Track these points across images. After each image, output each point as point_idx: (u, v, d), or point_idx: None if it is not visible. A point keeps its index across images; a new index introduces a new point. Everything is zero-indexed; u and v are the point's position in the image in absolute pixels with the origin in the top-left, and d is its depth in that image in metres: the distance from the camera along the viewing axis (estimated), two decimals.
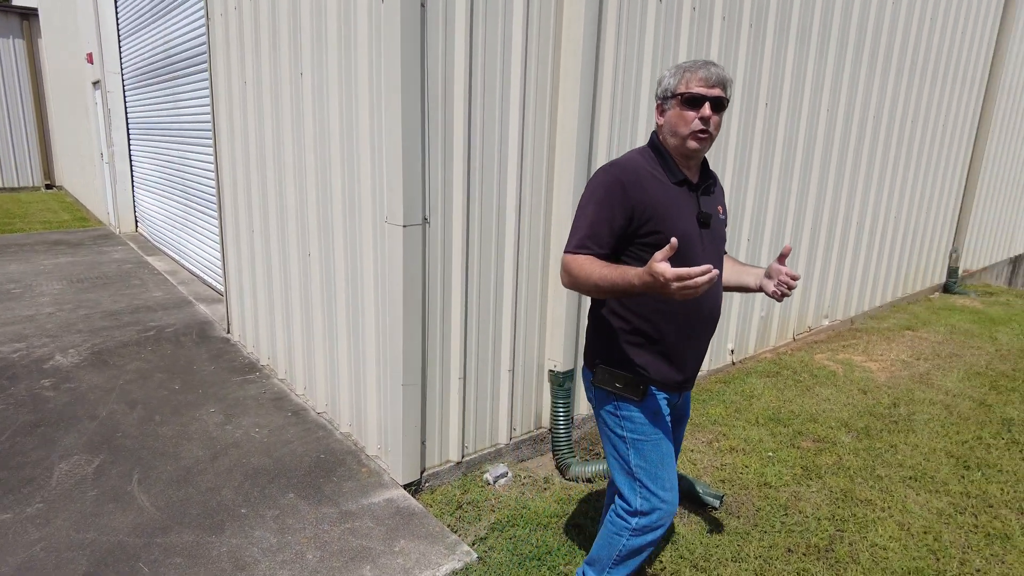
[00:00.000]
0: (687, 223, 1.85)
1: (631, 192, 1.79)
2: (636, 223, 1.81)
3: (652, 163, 1.88)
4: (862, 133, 5.44)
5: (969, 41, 6.59)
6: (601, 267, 1.74)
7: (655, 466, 1.93)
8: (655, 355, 1.91)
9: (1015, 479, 3.33)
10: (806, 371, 4.66)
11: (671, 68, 1.89)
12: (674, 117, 1.84)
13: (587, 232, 1.82)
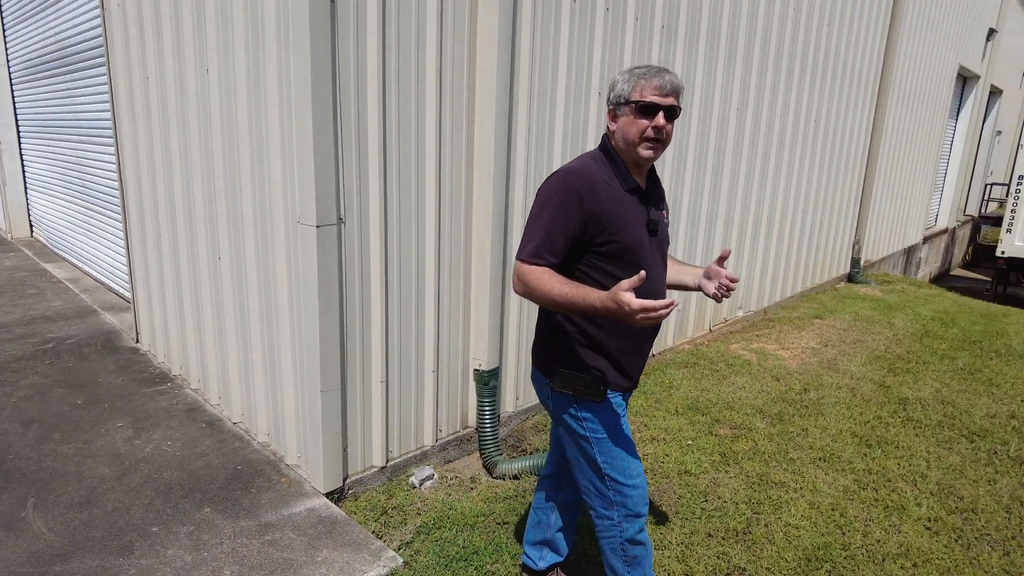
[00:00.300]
0: (638, 231, 1.88)
1: (587, 202, 1.79)
2: (591, 232, 1.82)
3: (606, 169, 1.88)
4: (770, 133, 5.69)
5: (863, 45, 7.00)
6: (561, 284, 1.76)
7: (621, 459, 1.97)
8: (608, 360, 1.94)
9: (909, 454, 3.57)
10: (722, 361, 4.84)
11: (624, 73, 1.87)
12: (627, 124, 1.84)
13: (542, 241, 1.81)
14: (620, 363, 1.95)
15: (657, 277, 1.96)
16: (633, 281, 1.58)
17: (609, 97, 1.91)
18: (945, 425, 3.94)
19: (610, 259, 1.85)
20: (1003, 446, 3.70)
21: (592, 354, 1.93)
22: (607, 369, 1.94)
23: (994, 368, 5.06)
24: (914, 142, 9.36)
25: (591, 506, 2.08)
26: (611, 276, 1.84)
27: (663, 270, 2.02)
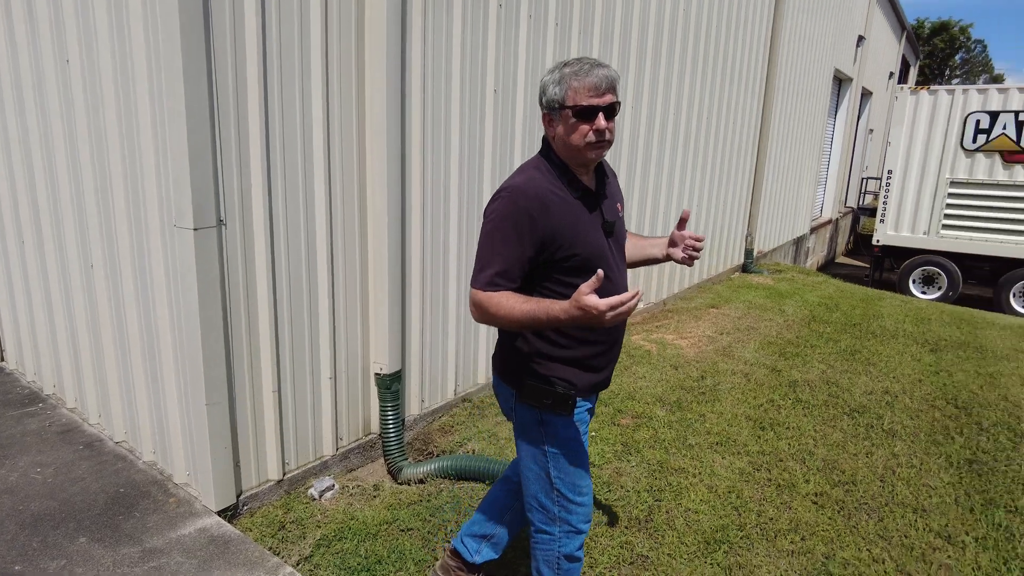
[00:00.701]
0: (596, 235, 1.82)
1: (540, 222, 1.71)
2: (549, 251, 1.75)
3: (552, 180, 1.79)
4: (664, 129, 5.87)
5: (749, 45, 7.36)
6: (522, 304, 1.69)
7: (573, 476, 1.94)
8: (579, 365, 1.88)
9: (799, 433, 3.77)
10: (624, 352, 4.95)
11: (554, 73, 1.75)
12: (566, 130, 1.74)
13: (498, 269, 1.73)
14: (592, 366, 1.90)
15: (620, 278, 1.92)
16: (592, 283, 1.53)
17: (541, 101, 1.80)
18: (830, 404, 4.19)
19: (573, 273, 1.78)
20: (878, 420, 3.97)
21: (561, 366, 1.86)
22: (577, 377, 1.88)
23: (871, 348, 5.43)
24: (799, 139, 9.95)
25: (531, 519, 2.03)
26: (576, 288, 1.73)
27: (624, 268, 1.97)
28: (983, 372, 5.00)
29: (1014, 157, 9.98)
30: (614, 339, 1.95)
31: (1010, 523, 2.96)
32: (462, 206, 3.68)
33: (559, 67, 1.75)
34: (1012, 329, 6.69)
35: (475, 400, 3.97)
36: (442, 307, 3.69)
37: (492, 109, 3.75)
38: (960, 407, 4.24)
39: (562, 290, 1.78)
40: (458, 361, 3.89)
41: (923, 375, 4.85)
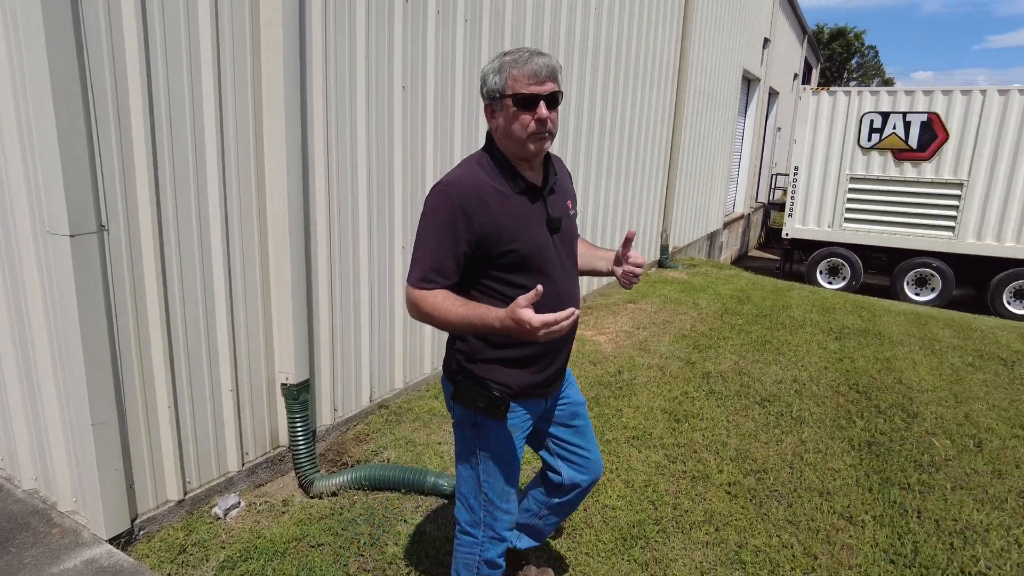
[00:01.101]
0: (538, 234, 1.76)
1: (475, 217, 1.66)
2: (486, 247, 1.69)
3: (492, 174, 1.73)
4: (579, 129, 5.92)
5: (661, 46, 7.53)
6: (458, 307, 1.63)
7: (502, 483, 1.90)
8: (516, 365, 1.81)
9: (712, 424, 3.86)
10: None
11: (493, 62, 1.70)
12: (507, 120, 1.69)
13: (431, 265, 1.68)
14: (530, 367, 1.83)
15: (566, 278, 1.85)
16: (530, 297, 1.49)
17: (482, 92, 1.74)
18: (742, 394, 4.32)
19: (512, 270, 1.73)
20: (787, 408, 4.12)
21: (498, 367, 1.80)
22: (515, 379, 1.81)
23: (780, 338, 5.65)
24: (711, 137, 10.28)
25: (457, 518, 2.00)
26: (517, 287, 1.72)
27: (572, 268, 1.89)
28: (881, 357, 5.28)
29: (904, 155, 10.64)
30: (558, 344, 1.87)
31: (903, 500, 3.12)
32: (371, 204, 3.57)
33: (499, 56, 1.70)
34: (906, 315, 7.12)
35: (392, 406, 3.86)
36: (354, 311, 3.57)
37: (400, 106, 3.66)
38: (861, 392, 4.46)
39: (501, 288, 1.74)
40: (373, 367, 3.78)
41: (828, 362, 5.07)
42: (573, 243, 1.91)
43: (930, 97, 10.43)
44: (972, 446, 3.77)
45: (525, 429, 1.93)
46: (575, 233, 1.94)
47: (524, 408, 1.88)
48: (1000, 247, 10.34)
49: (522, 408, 1.88)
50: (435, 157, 4.01)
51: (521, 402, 1.86)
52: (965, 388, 4.70)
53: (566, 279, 1.85)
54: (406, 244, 3.85)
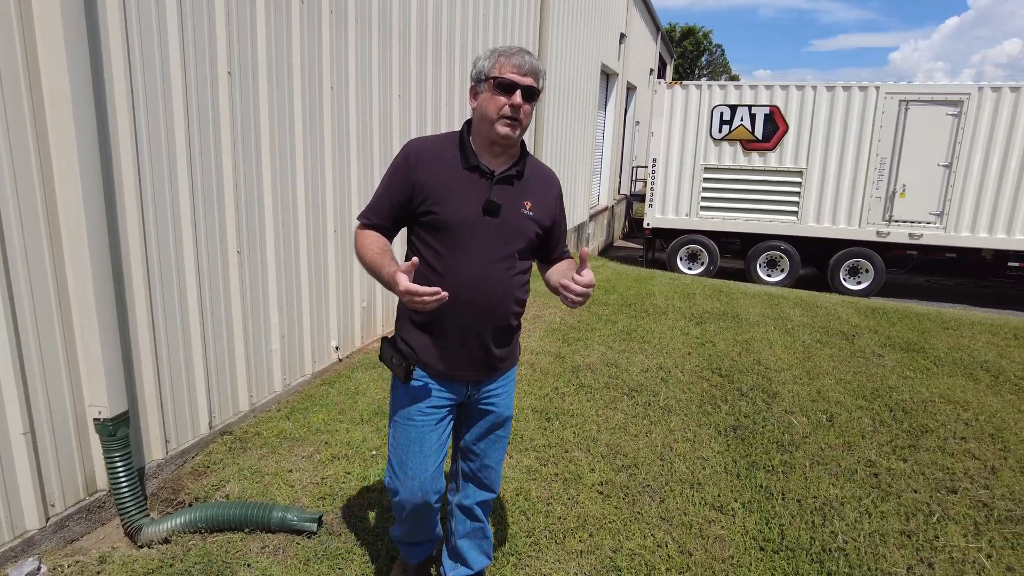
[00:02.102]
0: (468, 207, 1.84)
1: (414, 170, 1.84)
2: (416, 201, 1.85)
3: (449, 146, 1.90)
4: (436, 124, 5.67)
5: (522, 40, 7.44)
6: (375, 252, 1.83)
7: (403, 450, 1.95)
8: (425, 338, 1.91)
9: (583, 420, 3.77)
10: None
11: (487, 51, 1.88)
12: (485, 101, 1.84)
13: (372, 202, 1.92)
14: (437, 342, 1.91)
15: (488, 264, 1.86)
16: (407, 266, 1.66)
17: (471, 75, 1.90)
18: (610, 386, 4.28)
19: (433, 232, 1.85)
20: (655, 397, 4.13)
21: (411, 329, 1.94)
22: (420, 347, 1.92)
23: (645, 326, 5.73)
24: (573, 131, 10.39)
25: None
26: (435, 252, 1.86)
27: (503, 259, 1.89)
28: (740, 339, 5.49)
29: (751, 145, 11.30)
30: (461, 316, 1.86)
31: (768, 483, 3.17)
32: (196, 200, 3.14)
33: (494, 48, 1.88)
34: (760, 297, 7.52)
35: (237, 432, 3.45)
36: (181, 326, 3.12)
37: (228, 94, 3.25)
38: (724, 375, 4.57)
39: (424, 251, 1.88)
40: (211, 388, 3.35)
41: (691, 347, 5.18)
42: (514, 240, 1.90)
43: (771, 91, 11.14)
44: (825, 421, 3.95)
45: (433, 402, 1.94)
46: (522, 234, 1.92)
47: (435, 384, 1.93)
48: (836, 229, 11.26)
49: (434, 381, 1.93)
50: (273, 143, 3.62)
51: (431, 376, 1.93)
52: (815, 364, 4.96)
53: (490, 263, 1.87)
54: (241, 248, 3.45)
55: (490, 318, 1.90)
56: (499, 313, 1.91)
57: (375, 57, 4.60)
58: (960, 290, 12.54)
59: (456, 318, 1.86)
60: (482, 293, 1.86)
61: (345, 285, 4.51)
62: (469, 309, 1.86)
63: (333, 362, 4.44)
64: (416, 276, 1.79)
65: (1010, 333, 6.68)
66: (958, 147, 10.61)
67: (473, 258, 1.84)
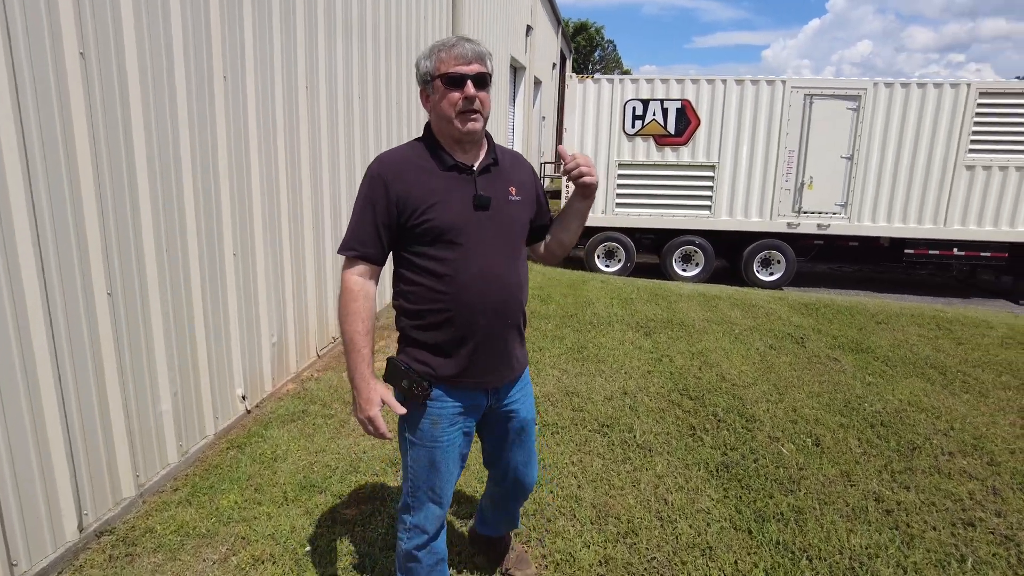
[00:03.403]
0: (460, 206, 1.76)
1: (392, 186, 1.74)
2: (404, 216, 1.74)
3: (420, 153, 1.81)
4: (350, 119, 4.91)
5: (431, 27, 6.75)
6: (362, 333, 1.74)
7: (426, 471, 1.85)
8: (438, 350, 1.80)
9: (558, 472, 3.17)
10: (337, 399, 3.92)
11: (425, 51, 1.78)
12: (438, 100, 1.75)
13: (353, 231, 1.78)
14: (450, 350, 1.79)
15: (494, 256, 1.79)
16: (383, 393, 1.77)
17: (417, 78, 1.82)
18: (578, 421, 3.73)
19: (431, 242, 1.74)
20: (630, 433, 3.61)
21: (421, 344, 1.81)
22: (435, 361, 1.80)
23: (595, 341, 5.24)
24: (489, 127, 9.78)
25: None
26: (437, 260, 1.75)
27: (507, 249, 1.83)
28: (694, 351, 5.10)
29: (664, 140, 11.15)
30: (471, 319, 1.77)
31: (784, 537, 2.72)
32: (42, 223, 2.29)
33: (431, 46, 1.77)
34: (695, 299, 7.24)
35: (120, 529, 2.61)
36: (27, 394, 2.27)
37: (77, 75, 2.41)
38: (693, 397, 4.13)
39: (422, 263, 1.76)
40: (79, 475, 2.50)
41: (649, 364, 4.73)
42: (512, 228, 1.86)
43: (682, 85, 11.02)
44: (812, 445, 3.58)
45: (456, 421, 1.85)
46: (515, 219, 1.87)
47: (454, 398, 1.83)
48: (748, 222, 11.32)
49: (451, 398, 1.83)
50: (149, 146, 2.80)
51: (449, 390, 1.83)
52: (779, 376, 4.64)
53: (495, 258, 1.80)
54: (113, 288, 2.61)
55: (506, 315, 1.82)
56: (512, 308, 1.84)
57: (277, 42, 3.80)
58: (859, 276, 13.04)
59: (471, 322, 1.77)
60: (493, 291, 1.78)
61: (250, 319, 3.70)
62: (483, 310, 1.78)
63: (240, 415, 3.62)
64: (420, 292, 1.77)
65: (932, 323, 6.75)
66: (858, 140, 10.91)
67: (476, 257, 1.76)
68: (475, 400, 1.87)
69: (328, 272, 4.73)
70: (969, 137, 10.70)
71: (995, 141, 10.69)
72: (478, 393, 1.86)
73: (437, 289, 1.74)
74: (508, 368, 1.88)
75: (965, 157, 10.80)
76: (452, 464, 1.87)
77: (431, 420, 1.82)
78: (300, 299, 4.32)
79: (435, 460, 1.84)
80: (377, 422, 1.73)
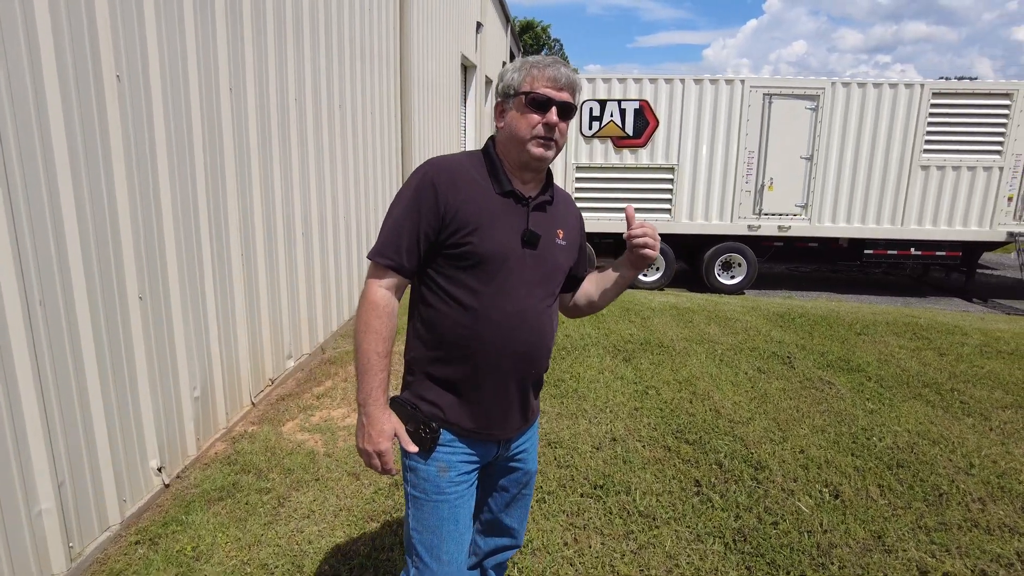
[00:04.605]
0: (506, 237, 1.57)
1: (443, 194, 1.53)
2: (447, 232, 1.53)
3: (478, 168, 1.61)
4: (303, 123, 4.26)
5: (379, 25, 6.11)
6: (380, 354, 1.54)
7: (431, 532, 1.61)
8: (452, 393, 1.60)
9: (551, 559, 2.61)
10: (275, 465, 3.25)
11: (516, 62, 1.62)
12: (515, 119, 1.58)
13: (388, 236, 1.55)
14: (467, 395, 1.60)
15: (529, 300, 1.61)
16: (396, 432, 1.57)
17: (497, 89, 1.64)
18: (566, 483, 3.16)
19: (467, 268, 1.55)
20: (628, 497, 3.02)
21: (433, 385, 1.62)
22: (447, 403, 1.60)
23: (572, 372, 4.71)
24: (440, 129, 9.18)
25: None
26: (468, 290, 1.56)
27: (543, 295, 1.64)
28: (680, 379, 4.63)
29: (622, 142, 10.76)
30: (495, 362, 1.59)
31: None
32: None
33: (524, 59, 1.62)
34: (667, 312, 6.81)
35: None
36: None
37: None
38: (691, 442, 3.64)
39: (450, 287, 1.57)
40: None
41: (635, 399, 4.23)
42: (552, 272, 1.68)
43: (640, 85, 10.66)
44: (831, 497, 3.14)
45: (463, 468, 1.64)
46: (558, 266, 1.70)
47: (465, 445, 1.64)
48: (709, 225, 11.04)
49: (462, 444, 1.63)
50: (9, 158, 2.12)
51: (460, 436, 1.63)
52: (775, 406, 4.20)
53: (531, 300, 1.62)
54: None
55: (531, 363, 1.66)
56: (539, 356, 1.68)
57: (190, 35, 3.13)
58: (817, 276, 13.00)
59: (495, 367, 1.60)
60: (523, 335, 1.61)
61: (163, 369, 3.02)
62: (510, 355, 1.61)
63: (157, 492, 2.94)
64: (440, 319, 1.58)
65: (909, 331, 6.52)
66: (817, 140, 10.74)
67: (512, 296, 1.59)
68: (484, 451, 1.68)
69: (263, 304, 4.06)
70: (924, 137, 10.65)
71: (948, 141, 10.66)
72: (490, 444, 1.69)
73: (462, 322, 1.57)
74: (524, 420, 1.73)
75: (920, 157, 10.74)
76: (464, 523, 1.65)
77: (438, 467, 1.61)
78: (229, 340, 3.65)
79: (443, 516, 1.61)
80: (387, 457, 1.55)
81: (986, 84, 10.59)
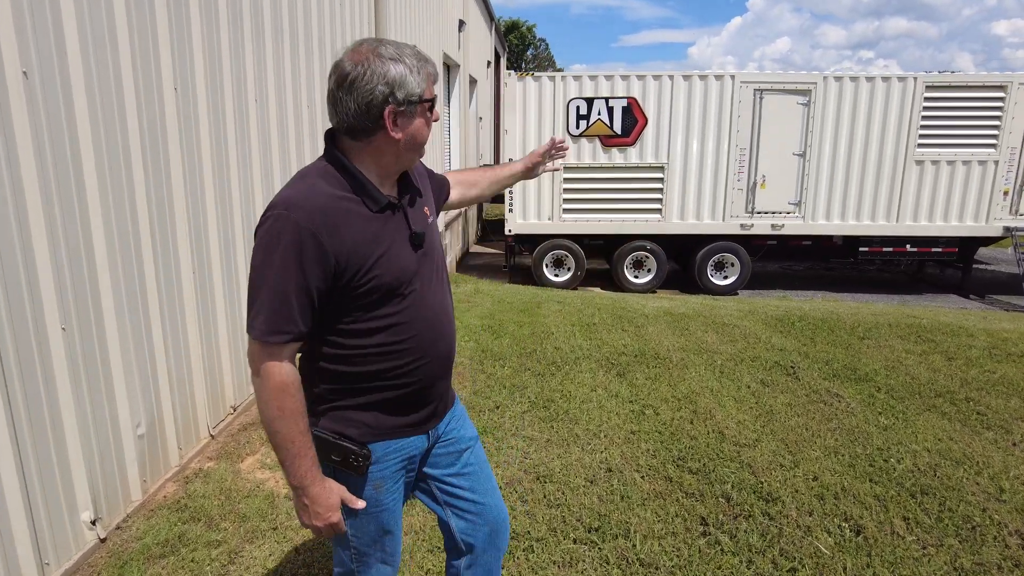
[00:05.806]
0: (402, 252, 1.48)
1: (327, 242, 1.35)
2: (344, 278, 1.39)
3: (342, 192, 1.41)
4: (299, 126, 3.89)
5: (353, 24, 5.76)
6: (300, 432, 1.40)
7: (371, 538, 1.60)
8: (378, 408, 1.52)
9: None
10: (229, 512, 2.88)
11: (404, 62, 1.40)
12: (421, 128, 1.47)
13: (276, 307, 1.34)
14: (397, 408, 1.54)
15: (437, 293, 1.58)
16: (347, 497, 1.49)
17: (389, 98, 1.39)
18: (556, 526, 2.81)
19: (378, 303, 1.44)
20: (627, 542, 2.69)
21: (355, 411, 1.51)
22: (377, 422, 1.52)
23: (562, 390, 4.36)
24: None
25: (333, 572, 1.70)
26: (387, 323, 1.46)
27: (440, 281, 1.60)
28: (679, 395, 4.30)
29: (610, 141, 10.45)
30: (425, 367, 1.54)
31: None
32: None
33: (402, 56, 1.40)
34: (661, 318, 6.49)
35: None
36: None
37: None
38: (694, 471, 3.30)
39: (372, 326, 1.46)
40: None
41: (631, 420, 3.89)
42: (441, 259, 1.64)
43: (627, 82, 10.36)
44: (851, 534, 2.81)
45: (398, 476, 1.59)
46: (439, 247, 1.64)
47: (396, 450, 1.56)
48: (701, 224, 10.76)
49: (393, 451, 1.56)
50: None
51: (391, 442, 1.55)
52: (782, 425, 3.88)
53: (438, 294, 1.59)
54: None
55: (451, 353, 1.65)
56: (453, 343, 1.65)
57: (122, 27, 2.76)
58: (810, 274, 12.76)
59: (426, 374, 1.55)
60: (443, 330, 1.58)
61: (96, 404, 2.65)
62: (435, 358, 1.56)
63: (90, 549, 2.56)
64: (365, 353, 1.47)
65: (913, 334, 6.24)
66: (810, 136, 10.47)
67: (425, 301, 1.53)
68: (415, 445, 1.61)
69: (220, 322, 3.69)
70: (918, 131, 10.40)
71: (943, 135, 10.42)
72: (419, 437, 1.62)
73: (392, 346, 1.48)
74: (447, 403, 1.70)
75: (915, 152, 10.48)
76: (399, 521, 1.65)
77: (373, 485, 1.55)
78: (180, 365, 3.29)
79: (383, 524, 1.60)
80: (340, 526, 1.49)
81: (980, 76, 10.33)
